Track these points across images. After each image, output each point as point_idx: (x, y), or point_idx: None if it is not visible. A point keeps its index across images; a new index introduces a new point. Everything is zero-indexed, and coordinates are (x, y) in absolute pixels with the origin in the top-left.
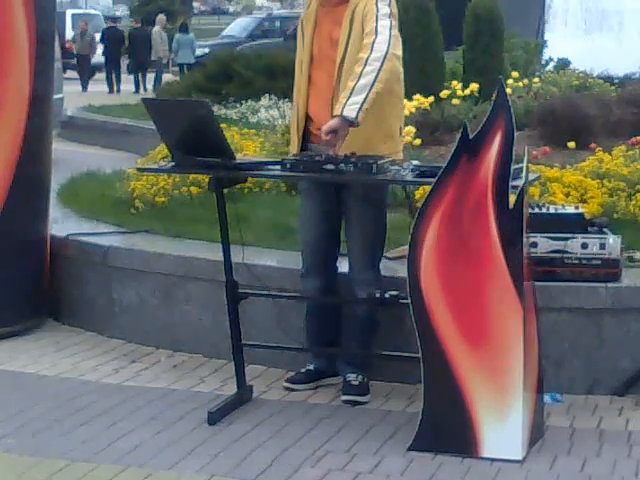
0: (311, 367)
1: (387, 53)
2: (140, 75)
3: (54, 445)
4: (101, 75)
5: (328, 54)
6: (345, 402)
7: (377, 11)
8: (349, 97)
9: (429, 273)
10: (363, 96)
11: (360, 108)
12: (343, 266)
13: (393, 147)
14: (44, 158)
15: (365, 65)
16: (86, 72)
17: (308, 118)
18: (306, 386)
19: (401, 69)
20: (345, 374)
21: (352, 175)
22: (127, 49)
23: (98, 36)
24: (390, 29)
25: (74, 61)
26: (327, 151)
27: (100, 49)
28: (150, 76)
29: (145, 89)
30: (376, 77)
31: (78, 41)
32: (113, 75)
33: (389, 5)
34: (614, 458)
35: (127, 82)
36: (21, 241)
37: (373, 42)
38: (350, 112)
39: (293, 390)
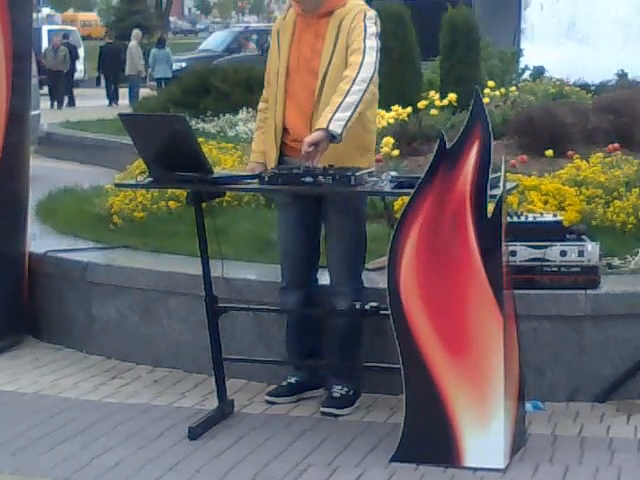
0: (292, 380)
1: (373, 76)
2: (112, 89)
3: (34, 463)
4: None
5: (308, 66)
6: (323, 414)
7: (365, 29)
8: (335, 112)
9: (409, 283)
10: (349, 114)
11: (345, 125)
12: (323, 278)
13: (369, 160)
14: (22, 174)
15: (353, 84)
16: (61, 89)
17: (284, 130)
18: (288, 399)
19: (377, 90)
20: (330, 386)
21: (331, 187)
22: (98, 64)
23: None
24: (377, 51)
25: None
26: (306, 164)
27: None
28: (123, 91)
29: (117, 103)
30: (361, 97)
31: (51, 57)
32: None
33: (376, 24)
34: (596, 465)
35: (98, 97)
36: None
37: (361, 63)
38: (336, 127)
39: (275, 403)
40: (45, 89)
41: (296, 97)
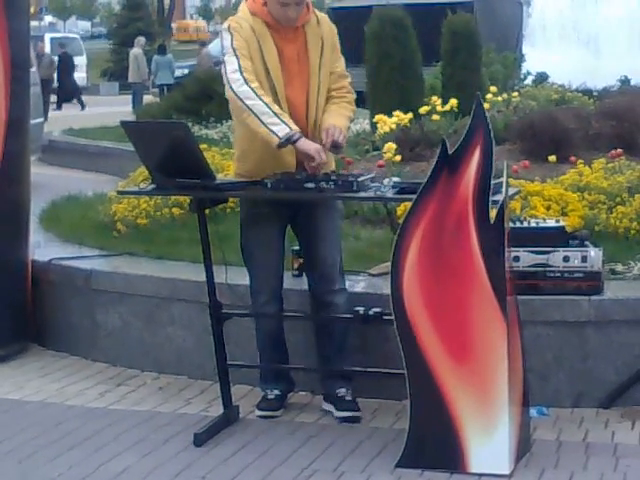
0: (277, 392)
1: None
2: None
3: (41, 471)
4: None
5: (298, 78)
6: (343, 419)
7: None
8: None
9: (412, 289)
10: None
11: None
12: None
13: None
14: (23, 182)
15: (351, 113)
16: (47, 97)
17: None
18: (280, 412)
19: None
20: (334, 390)
21: (333, 192)
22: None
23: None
24: None
25: None
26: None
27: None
28: (126, 98)
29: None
30: None
31: (36, 65)
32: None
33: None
34: (601, 471)
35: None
36: (2, 266)
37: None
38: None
39: (272, 417)
40: None
41: (293, 110)
